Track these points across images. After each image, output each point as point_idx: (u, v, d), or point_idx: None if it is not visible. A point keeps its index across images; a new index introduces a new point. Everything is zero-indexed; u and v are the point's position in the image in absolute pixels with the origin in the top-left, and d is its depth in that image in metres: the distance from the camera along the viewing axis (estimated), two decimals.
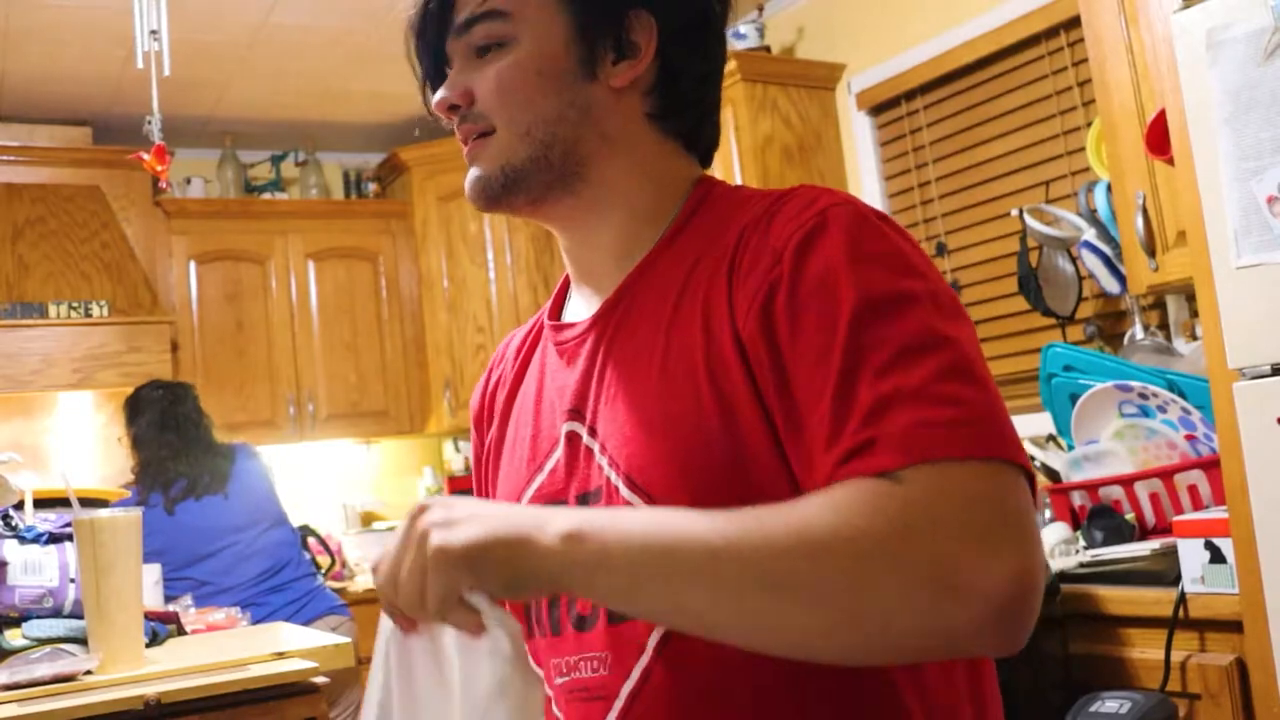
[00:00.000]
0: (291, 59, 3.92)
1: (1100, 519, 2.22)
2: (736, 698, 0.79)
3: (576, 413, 0.90)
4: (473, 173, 0.91)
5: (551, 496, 0.90)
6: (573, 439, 0.90)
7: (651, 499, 0.81)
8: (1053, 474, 2.45)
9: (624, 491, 0.83)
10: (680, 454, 0.81)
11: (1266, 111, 1.55)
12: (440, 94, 0.91)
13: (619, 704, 0.83)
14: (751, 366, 0.78)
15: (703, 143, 0.95)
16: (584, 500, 0.87)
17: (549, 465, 0.92)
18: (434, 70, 0.94)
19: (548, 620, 0.89)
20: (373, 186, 4.83)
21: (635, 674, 0.83)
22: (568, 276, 1.00)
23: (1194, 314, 2.46)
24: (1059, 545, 2.23)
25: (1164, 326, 2.59)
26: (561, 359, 0.94)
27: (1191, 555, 1.81)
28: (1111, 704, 1.77)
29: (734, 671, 0.78)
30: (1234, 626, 1.73)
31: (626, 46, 0.89)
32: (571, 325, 0.95)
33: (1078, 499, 2.33)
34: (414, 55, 0.95)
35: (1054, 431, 2.52)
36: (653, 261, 0.90)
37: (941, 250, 3.23)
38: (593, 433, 0.88)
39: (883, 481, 0.67)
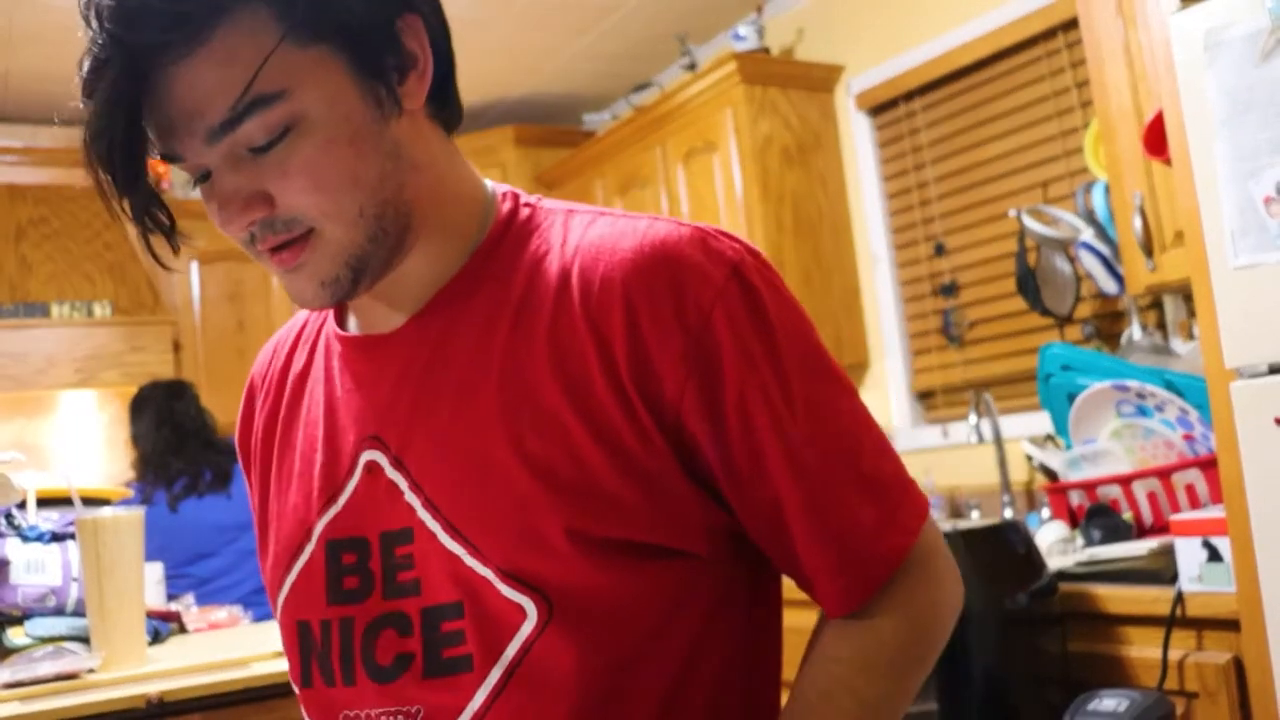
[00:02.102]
0: None
1: (1098, 518, 2.23)
2: None
3: (379, 440, 0.81)
4: (305, 281, 0.77)
5: (348, 531, 0.81)
6: (373, 469, 0.81)
7: (475, 549, 0.76)
8: (1051, 473, 2.46)
9: (442, 537, 0.77)
10: (528, 498, 0.75)
11: (1264, 112, 1.56)
12: (229, 215, 0.74)
13: None
14: (655, 430, 0.76)
15: (456, 120, 0.86)
16: (388, 539, 0.79)
17: (343, 498, 0.82)
18: (144, 195, 0.75)
19: (339, 669, 0.81)
20: None
21: None
22: None
23: (1191, 314, 2.46)
24: (1057, 544, 2.24)
25: (1161, 326, 2.60)
26: (357, 378, 0.84)
27: (1189, 554, 1.82)
28: (1109, 702, 1.78)
29: (572, 711, 0.76)
30: (1231, 625, 1.73)
31: (405, 60, 0.77)
32: (368, 341, 0.84)
33: (1075, 498, 2.34)
34: (115, 181, 0.73)
35: (1052, 431, 2.53)
36: (465, 286, 0.81)
37: (940, 250, 3.24)
38: (398, 465, 0.80)
39: (869, 623, 0.81)
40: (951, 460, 3.13)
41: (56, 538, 1.78)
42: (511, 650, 0.75)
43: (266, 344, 0.98)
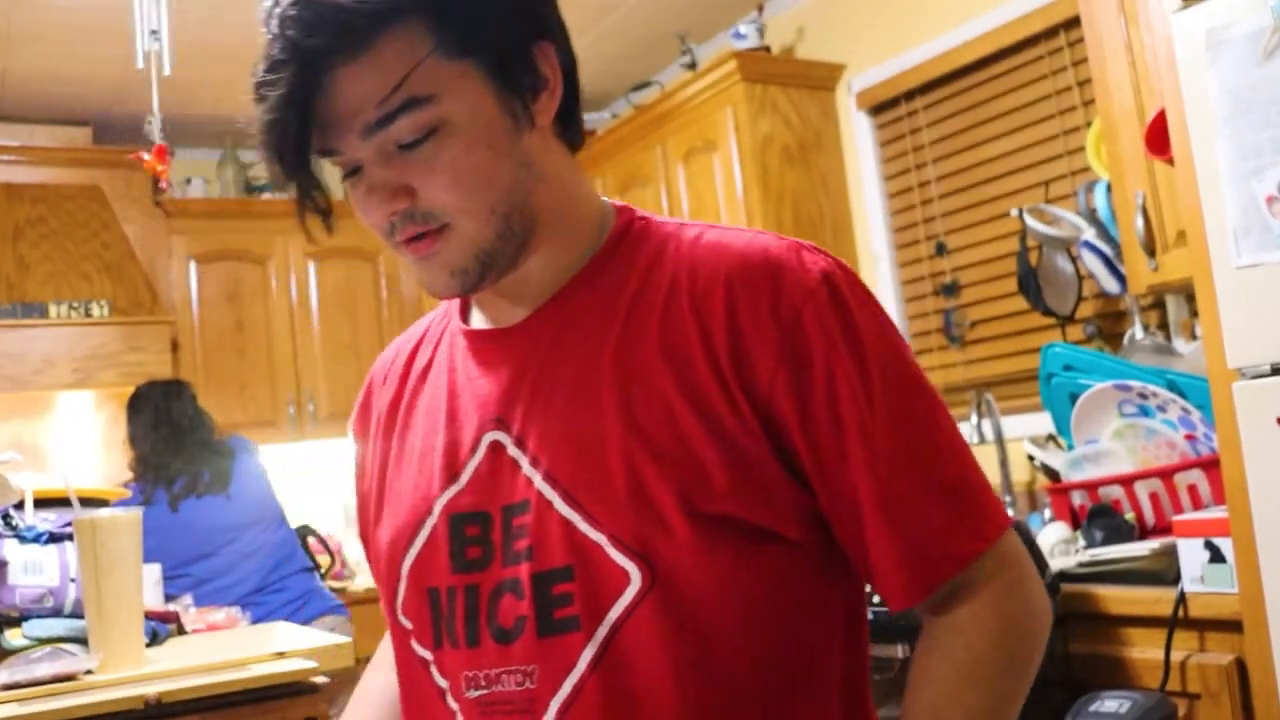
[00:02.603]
0: None
1: (1100, 518, 2.22)
2: (667, 707, 0.82)
3: (501, 422, 0.89)
4: (437, 270, 0.86)
5: (471, 506, 0.89)
6: (496, 449, 0.88)
7: (591, 515, 0.83)
8: (1052, 474, 2.45)
9: (559, 506, 0.84)
10: (640, 470, 0.82)
11: (1266, 111, 1.55)
12: (376, 204, 0.84)
13: (549, 716, 0.83)
14: (751, 413, 0.83)
15: (579, 141, 0.95)
16: (509, 511, 0.86)
17: (465, 475, 0.90)
18: (308, 181, 0.85)
19: (463, 632, 0.88)
20: None
21: (566, 687, 0.83)
22: None
23: (1193, 314, 2.46)
24: (1059, 545, 2.23)
25: (1163, 326, 2.59)
26: (480, 367, 0.92)
27: (1191, 555, 1.82)
28: (1111, 703, 1.77)
29: (666, 686, 0.82)
30: (1234, 626, 1.73)
31: (538, 80, 0.87)
32: (494, 334, 0.93)
33: (1077, 498, 2.33)
34: (284, 169, 0.83)
35: (1054, 431, 2.53)
36: (583, 285, 0.91)
37: (941, 250, 3.23)
38: (520, 444, 0.87)
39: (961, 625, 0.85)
40: None
41: (54, 538, 1.77)
42: (615, 613, 0.82)
43: (390, 345, 1.07)
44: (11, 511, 1.81)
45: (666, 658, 0.81)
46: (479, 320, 0.96)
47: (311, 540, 3.51)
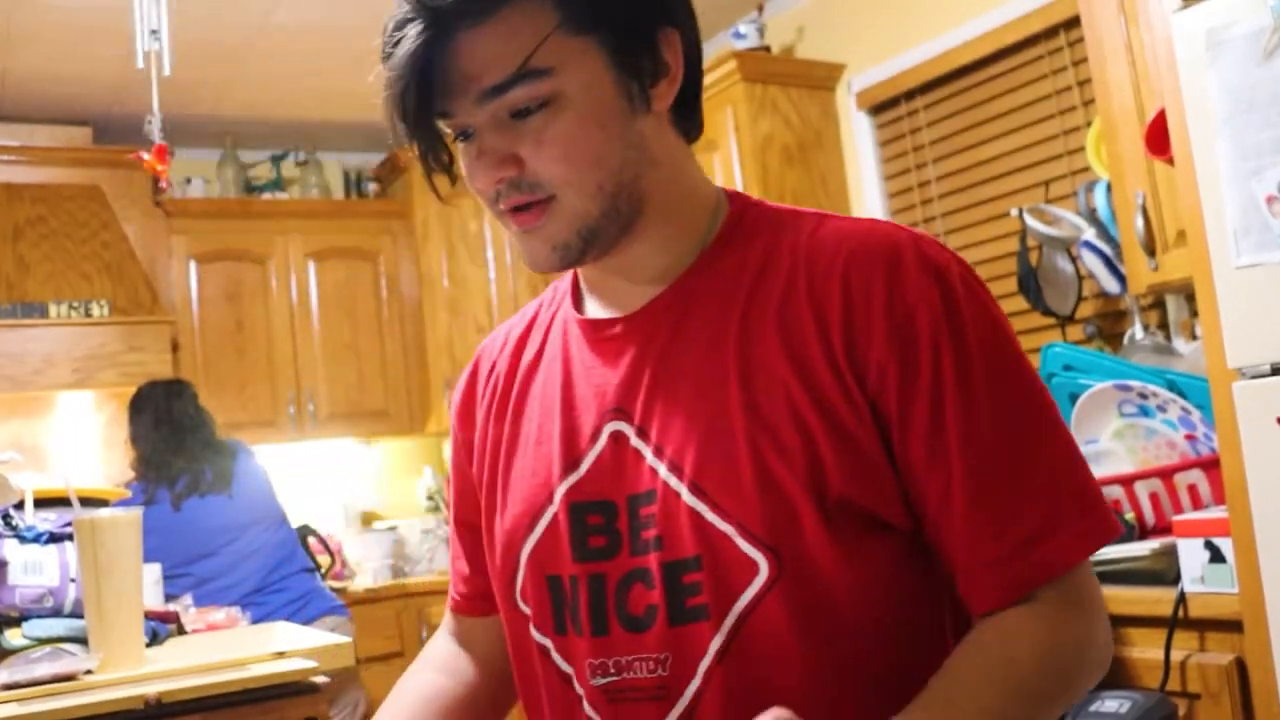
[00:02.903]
0: (291, 59, 3.92)
1: None
2: (793, 694, 0.82)
3: (622, 412, 0.89)
4: (539, 243, 0.87)
5: (593, 495, 0.90)
6: (619, 439, 0.89)
7: (717, 505, 0.84)
8: None
9: (686, 496, 0.85)
10: (765, 458, 0.83)
11: (1266, 111, 1.55)
12: (483, 169, 0.85)
13: (683, 703, 0.85)
14: (864, 403, 0.84)
15: (697, 132, 0.97)
16: (634, 501, 0.87)
17: (586, 464, 0.91)
18: (429, 138, 0.87)
19: (588, 619, 0.88)
20: (373, 186, 4.83)
21: (698, 677, 0.84)
22: (575, 273, 0.99)
23: (1194, 314, 2.46)
24: None
25: (1164, 326, 2.59)
26: (597, 356, 0.93)
27: (1191, 555, 1.81)
28: (1111, 703, 1.77)
29: (792, 672, 0.83)
30: (1234, 626, 1.73)
31: (659, 66, 0.88)
32: (610, 323, 0.93)
33: None
34: (405, 125, 0.85)
35: None
36: (700, 274, 0.91)
37: None
38: (642, 434, 0.88)
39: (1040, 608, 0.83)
40: None
41: (54, 538, 1.77)
42: (743, 602, 0.83)
43: (497, 330, 1.07)
44: (11, 511, 1.80)
45: (792, 645, 0.83)
46: (594, 308, 0.96)
47: (312, 540, 3.51)
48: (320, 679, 1.60)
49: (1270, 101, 1.55)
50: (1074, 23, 2.64)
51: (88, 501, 1.85)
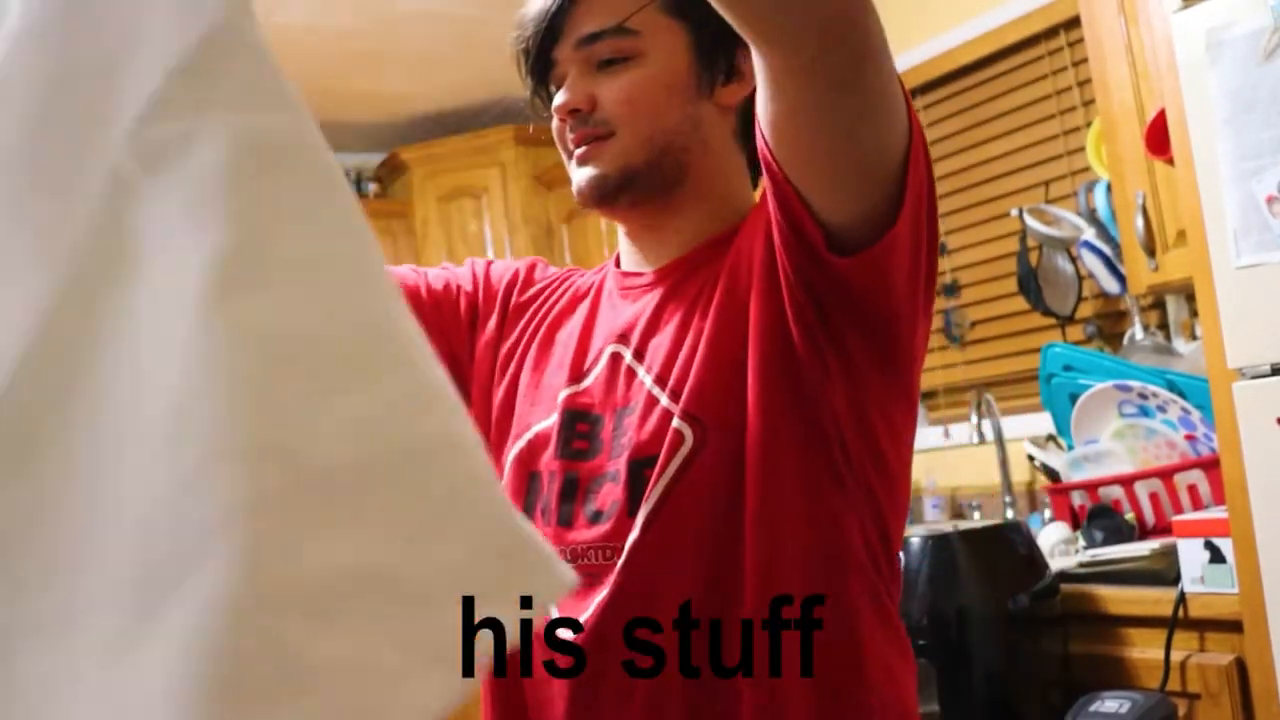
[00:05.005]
0: (291, 59, 3.91)
1: (1100, 519, 2.22)
2: (705, 552, 0.92)
3: (622, 337, 1.01)
4: (587, 171, 0.99)
5: (586, 407, 1.00)
6: (615, 358, 1.01)
7: (677, 395, 0.93)
8: (1052, 474, 2.45)
9: (664, 401, 0.94)
10: (729, 376, 0.93)
11: (1266, 111, 1.55)
12: (563, 98, 0.99)
13: (610, 577, 0.92)
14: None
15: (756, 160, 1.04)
16: (620, 414, 0.97)
17: (587, 380, 1.02)
18: (542, 77, 1.02)
19: (556, 510, 0.97)
20: (373, 186, 4.83)
21: (625, 549, 0.92)
22: (618, 255, 1.12)
23: (1194, 314, 2.46)
24: (1059, 545, 2.23)
25: (1164, 326, 2.59)
26: (625, 299, 1.05)
27: (1191, 555, 1.81)
28: (1111, 704, 1.77)
29: (704, 535, 0.92)
30: (1234, 626, 1.73)
31: (734, 72, 1.00)
32: (632, 275, 1.06)
33: (1077, 499, 2.33)
34: (525, 59, 1.02)
35: (1054, 431, 2.52)
36: (710, 246, 1.02)
37: (941, 250, 3.23)
38: (638, 356, 0.99)
39: None
40: (953, 461, 3.12)
41: None
42: (668, 475, 0.92)
43: (577, 269, 1.19)
44: None
45: (710, 508, 0.91)
46: (628, 264, 1.09)
47: None
48: None
49: (1270, 101, 1.55)
50: (1074, 23, 2.63)
51: None
